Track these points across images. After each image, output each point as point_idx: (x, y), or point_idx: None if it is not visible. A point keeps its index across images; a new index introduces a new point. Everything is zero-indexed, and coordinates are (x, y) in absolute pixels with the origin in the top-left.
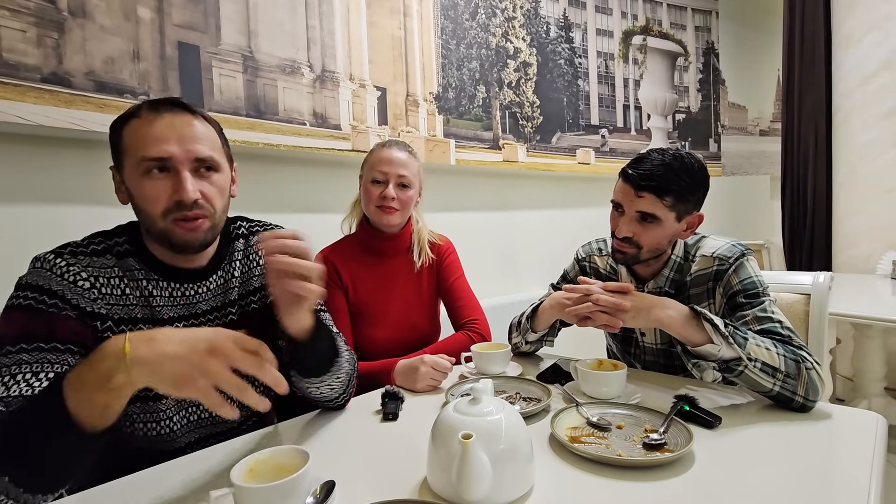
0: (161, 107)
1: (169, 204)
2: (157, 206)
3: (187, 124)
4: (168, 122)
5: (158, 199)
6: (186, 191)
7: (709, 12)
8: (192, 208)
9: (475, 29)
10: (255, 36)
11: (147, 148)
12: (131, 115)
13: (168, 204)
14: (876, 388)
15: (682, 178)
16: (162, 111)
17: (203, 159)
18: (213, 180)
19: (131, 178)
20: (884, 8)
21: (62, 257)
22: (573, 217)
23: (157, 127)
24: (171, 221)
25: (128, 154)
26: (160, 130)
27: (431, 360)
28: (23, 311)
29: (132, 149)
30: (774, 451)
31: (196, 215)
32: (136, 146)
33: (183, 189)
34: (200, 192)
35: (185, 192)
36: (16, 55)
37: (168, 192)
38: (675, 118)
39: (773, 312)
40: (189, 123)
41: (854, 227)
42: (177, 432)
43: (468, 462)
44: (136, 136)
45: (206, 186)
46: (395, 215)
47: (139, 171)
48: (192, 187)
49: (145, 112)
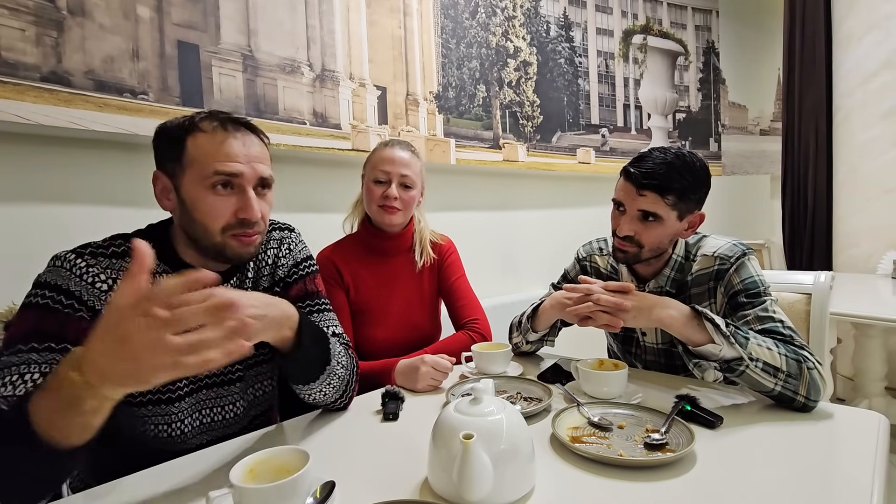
0: (230, 125)
1: (231, 220)
2: (219, 220)
3: (254, 144)
4: (240, 140)
5: (222, 215)
6: (254, 209)
7: (709, 11)
8: (253, 226)
9: (475, 28)
10: (255, 35)
11: (219, 163)
12: (195, 126)
13: (230, 220)
14: (877, 387)
15: (684, 176)
16: (232, 130)
17: (265, 179)
18: (268, 198)
19: (193, 189)
20: (884, 7)
21: (82, 258)
22: (573, 217)
23: (230, 145)
24: (229, 236)
25: (192, 165)
26: (232, 148)
27: (432, 359)
28: (38, 309)
29: (200, 161)
30: (776, 451)
31: (254, 231)
32: (205, 160)
33: (250, 208)
34: (260, 211)
35: (252, 211)
36: (15, 54)
37: (232, 208)
38: (675, 117)
39: (774, 312)
40: (255, 143)
41: (854, 227)
42: (188, 434)
43: (469, 462)
44: (207, 150)
45: (263, 205)
46: (397, 215)
47: (205, 185)
48: (257, 207)
49: (215, 128)
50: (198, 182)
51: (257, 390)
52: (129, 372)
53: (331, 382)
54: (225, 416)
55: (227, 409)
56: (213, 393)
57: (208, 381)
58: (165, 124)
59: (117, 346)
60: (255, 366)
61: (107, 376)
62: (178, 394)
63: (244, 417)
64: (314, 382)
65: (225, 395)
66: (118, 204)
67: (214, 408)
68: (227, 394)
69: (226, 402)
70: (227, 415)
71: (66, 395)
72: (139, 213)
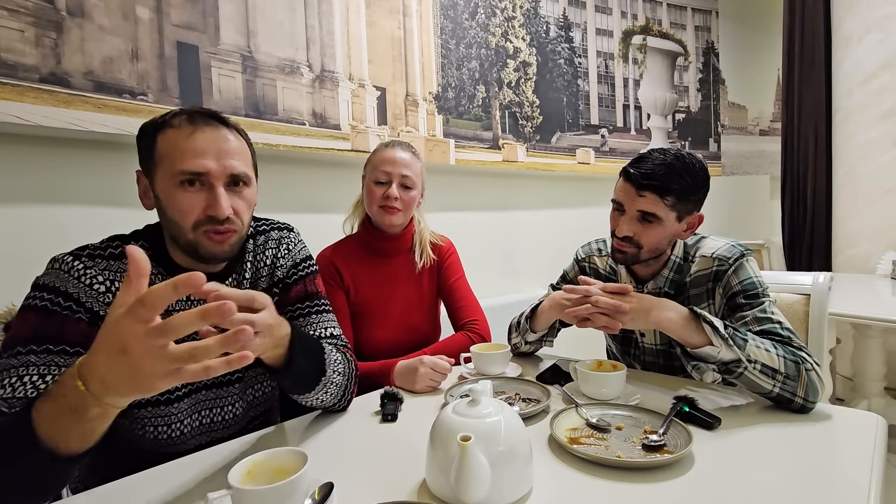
0: (199, 119)
1: (201, 217)
2: (188, 218)
3: (224, 139)
4: (207, 136)
5: (191, 212)
6: (221, 207)
7: (709, 12)
8: (224, 223)
9: (475, 29)
10: (254, 36)
11: (185, 161)
12: (166, 123)
13: (200, 217)
14: (876, 387)
15: (683, 177)
16: (200, 124)
17: (237, 175)
18: (244, 195)
19: (164, 186)
20: (883, 8)
21: (80, 259)
22: (573, 217)
23: (196, 140)
24: (200, 234)
25: (162, 163)
26: (198, 144)
27: (431, 360)
28: (37, 311)
29: (168, 159)
30: (774, 453)
31: (226, 229)
32: (172, 157)
33: (218, 205)
34: (232, 207)
35: (219, 207)
36: (14, 55)
37: (201, 205)
38: (674, 118)
39: (772, 313)
40: (225, 138)
41: (854, 227)
42: (186, 435)
43: (467, 464)
44: (174, 147)
45: (237, 202)
46: (397, 216)
47: (174, 182)
48: (225, 204)
49: (182, 123)
50: (167, 179)
51: (257, 391)
52: (130, 381)
53: (328, 391)
54: (224, 418)
55: (225, 410)
56: (211, 394)
57: (207, 382)
58: (145, 123)
59: (117, 355)
60: (254, 367)
61: (109, 386)
62: (176, 395)
63: (243, 418)
64: (310, 392)
65: (224, 396)
66: (117, 205)
67: (213, 409)
68: (225, 395)
69: (225, 403)
70: (226, 416)
71: (69, 403)
72: (138, 214)
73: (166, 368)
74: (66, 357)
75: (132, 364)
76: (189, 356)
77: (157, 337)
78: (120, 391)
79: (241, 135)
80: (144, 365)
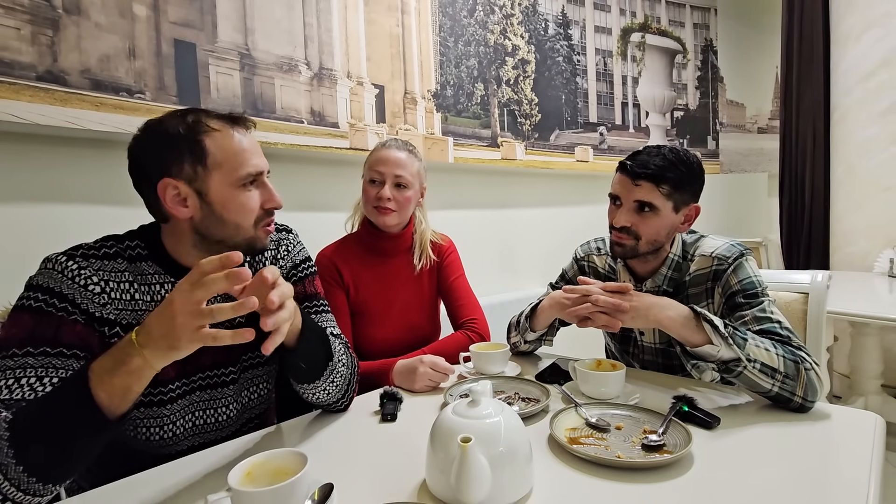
0: (238, 121)
1: (260, 213)
2: (252, 215)
3: (253, 137)
4: (250, 138)
5: (254, 210)
6: (278, 199)
7: (707, 9)
8: (273, 214)
9: (473, 26)
10: (252, 33)
11: (248, 164)
12: (207, 127)
13: (261, 213)
14: (872, 385)
15: (678, 167)
16: (240, 126)
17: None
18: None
19: (222, 190)
20: (882, 6)
21: (74, 260)
22: (572, 215)
23: (247, 143)
24: (261, 228)
25: (219, 168)
26: (250, 146)
27: (430, 360)
28: (31, 313)
29: (227, 163)
30: (773, 452)
31: (273, 219)
32: (233, 161)
33: (275, 198)
34: None
35: (277, 200)
36: (10, 53)
37: (259, 201)
38: (673, 115)
39: (771, 312)
40: (253, 136)
41: (852, 225)
42: (179, 436)
43: (467, 465)
44: (230, 151)
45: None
46: (391, 216)
47: (235, 185)
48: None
49: (227, 126)
50: (227, 183)
51: (252, 393)
52: (165, 331)
53: (334, 380)
54: (218, 419)
55: (220, 411)
56: (205, 395)
57: (201, 382)
58: (159, 129)
59: (166, 307)
60: (250, 369)
61: (152, 337)
62: (169, 395)
63: (237, 420)
64: (319, 380)
65: (218, 397)
66: (114, 203)
67: (207, 410)
68: (220, 396)
69: (219, 404)
70: (219, 417)
71: (119, 354)
72: (135, 213)
73: (194, 325)
74: (63, 359)
75: (171, 314)
76: (210, 315)
77: (195, 291)
78: (156, 342)
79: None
80: (179, 316)
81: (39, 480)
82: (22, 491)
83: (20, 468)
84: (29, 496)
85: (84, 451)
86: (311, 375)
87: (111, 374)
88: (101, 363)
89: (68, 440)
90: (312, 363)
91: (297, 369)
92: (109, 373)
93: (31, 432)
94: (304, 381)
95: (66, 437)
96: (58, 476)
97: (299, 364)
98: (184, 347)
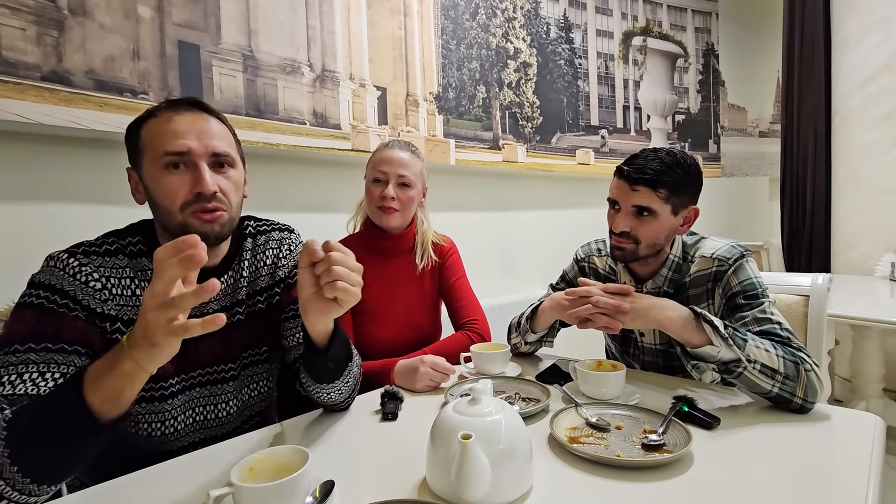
0: (179, 105)
1: (188, 197)
2: (176, 199)
3: (204, 121)
4: (187, 119)
5: (178, 193)
6: (206, 182)
7: (709, 14)
8: (211, 201)
9: (475, 29)
10: (256, 35)
11: (167, 143)
12: (150, 115)
13: (187, 197)
14: (874, 389)
15: (674, 171)
16: (180, 109)
17: (220, 154)
18: (229, 175)
19: (151, 174)
20: (883, 10)
21: (75, 257)
22: (572, 217)
23: (176, 123)
24: (189, 214)
25: (147, 151)
26: (179, 126)
27: (431, 360)
28: (34, 309)
29: (152, 145)
30: (773, 453)
31: (214, 207)
32: (155, 142)
33: (203, 181)
34: (218, 186)
35: (204, 184)
36: (15, 53)
37: (188, 185)
38: (674, 119)
39: (772, 314)
40: (206, 120)
41: (853, 229)
42: (180, 432)
43: (467, 462)
44: (156, 133)
45: (222, 181)
46: (394, 216)
47: (159, 167)
48: (210, 180)
49: (164, 111)
50: (152, 166)
51: (252, 391)
52: (143, 329)
53: (348, 381)
54: (218, 415)
55: (220, 407)
56: (206, 391)
57: (201, 379)
58: (131, 122)
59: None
60: (251, 366)
61: (135, 336)
62: (170, 391)
63: (238, 417)
64: (338, 380)
65: (218, 393)
66: (118, 203)
67: (207, 406)
68: (220, 392)
69: (219, 400)
70: (219, 413)
71: (112, 356)
72: (138, 212)
73: (163, 318)
74: (64, 355)
75: (143, 312)
76: (174, 305)
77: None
78: (141, 343)
79: (223, 121)
80: (149, 313)
81: (34, 481)
82: (17, 491)
83: (14, 468)
84: (24, 496)
85: (79, 453)
86: (334, 375)
87: (104, 377)
88: (97, 366)
89: (62, 442)
90: (338, 363)
91: (324, 370)
92: (102, 375)
93: (26, 433)
94: (326, 380)
95: (60, 440)
96: (53, 477)
97: (328, 364)
98: (162, 343)
